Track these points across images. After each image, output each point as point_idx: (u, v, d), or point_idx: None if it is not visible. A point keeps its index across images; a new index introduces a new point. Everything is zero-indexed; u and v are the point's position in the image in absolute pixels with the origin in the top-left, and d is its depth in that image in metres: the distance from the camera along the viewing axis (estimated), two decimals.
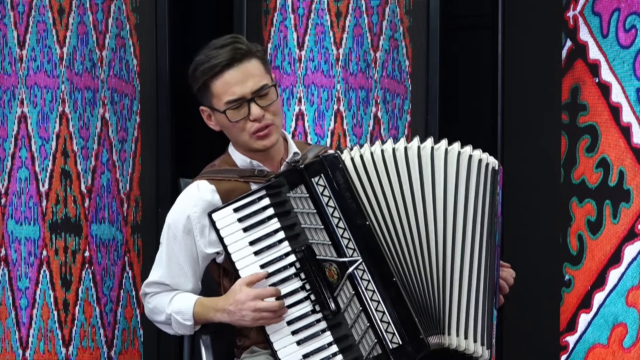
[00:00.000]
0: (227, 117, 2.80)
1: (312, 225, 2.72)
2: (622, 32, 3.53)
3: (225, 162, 2.90)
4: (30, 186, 3.66)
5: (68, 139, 3.68)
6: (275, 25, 3.81)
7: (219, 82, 2.80)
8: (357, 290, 2.69)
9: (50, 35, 3.66)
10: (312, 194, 2.72)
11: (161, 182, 3.76)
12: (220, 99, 2.81)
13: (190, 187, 2.88)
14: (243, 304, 2.71)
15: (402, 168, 2.72)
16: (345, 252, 2.70)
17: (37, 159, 3.66)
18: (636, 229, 3.51)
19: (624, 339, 3.53)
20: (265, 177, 2.83)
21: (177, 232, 2.84)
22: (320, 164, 2.73)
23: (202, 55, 2.84)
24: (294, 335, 2.71)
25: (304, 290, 2.72)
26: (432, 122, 3.72)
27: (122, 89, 3.74)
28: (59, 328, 3.67)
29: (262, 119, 2.80)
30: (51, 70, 3.66)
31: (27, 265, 3.66)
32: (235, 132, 2.83)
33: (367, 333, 2.68)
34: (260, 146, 2.83)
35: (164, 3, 3.73)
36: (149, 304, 2.90)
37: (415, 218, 2.71)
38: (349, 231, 2.70)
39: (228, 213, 2.76)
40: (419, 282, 2.71)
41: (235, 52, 2.79)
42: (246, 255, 2.75)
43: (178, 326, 2.85)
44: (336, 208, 2.71)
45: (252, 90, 2.79)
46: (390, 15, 3.75)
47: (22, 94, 3.66)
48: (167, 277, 2.86)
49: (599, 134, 3.59)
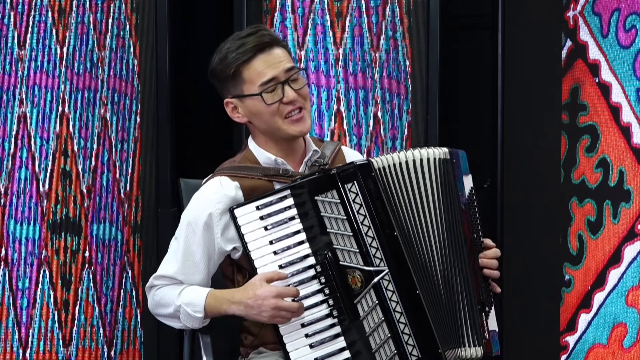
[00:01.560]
0: (263, 100, 2.78)
1: (339, 231, 2.70)
2: (622, 32, 3.53)
3: (247, 158, 2.87)
4: (30, 186, 3.66)
5: (68, 139, 3.68)
6: (275, 25, 3.81)
7: (252, 66, 2.79)
8: (381, 299, 2.68)
9: (50, 35, 3.66)
10: (343, 200, 2.70)
11: (161, 182, 3.76)
12: (253, 83, 2.79)
13: (212, 183, 2.84)
14: (263, 300, 2.69)
15: (425, 179, 2.73)
16: (372, 261, 2.68)
17: (37, 159, 3.66)
18: (636, 229, 3.51)
19: (624, 339, 3.54)
20: (291, 177, 2.82)
21: (197, 228, 2.81)
22: (354, 170, 2.71)
23: (228, 44, 2.82)
24: (307, 338, 2.70)
25: (322, 294, 2.70)
26: (432, 122, 3.72)
27: (122, 89, 3.74)
28: (59, 328, 3.67)
29: (296, 101, 2.80)
30: (51, 70, 3.66)
31: (27, 265, 3.66)
32: (268, 118, 2.81)
33: (386, 343, 2.68)
34: (296, 132, 2.81)
35: (164, 3, 3.73)
36: (155, 296, 2.86)
37: (421, 228, 2.72)
38: (377, 240, 2.69)
39: (250, 210, 2.74)
40: (435, 294, 2.71)
41: (264, 37, 2.80)
42: (265, 254, 2.73)
43: (187, 318, 2.81)
44: (366, 216, 2.69)
45: (285, 70, 2.79)
46: (390, 15, 3.75)
47: (22, 94, 3.66)
48: (180, 273, 2.83)
49: (599, 134, 3.60)
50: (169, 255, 2.86)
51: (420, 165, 2.74)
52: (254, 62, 2.79)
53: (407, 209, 2.73)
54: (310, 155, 2.86)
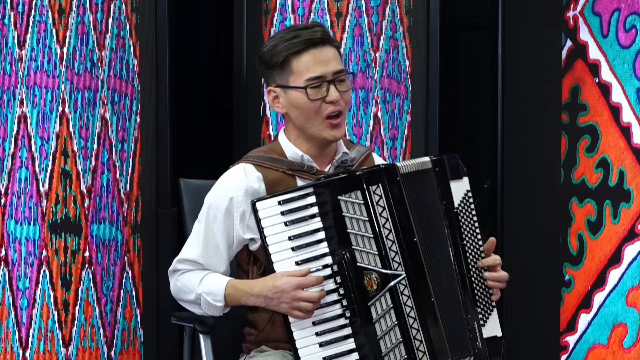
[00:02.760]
0: (307, 94, 2.78)
1: (359, 232, 2.70)
2: (622, 32, 3.53)
3: (274, 150, 2.87)
4: (30, 186, 3.66)
5: (68, 139, 3.68)
6: (275, 25, 3.81)
7: (302, 59, 2.79)
8: (396, 304, 2.67)
9: (50, 35, 3.66)
10: (366, 202, 2.69)
11: (161, 182, 3.76)
12: (300, 76, 2.79)
13: (236, 170, 2.85)
14: (283, 292, 2.68)
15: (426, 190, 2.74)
16: (391, 264, 2.68)
17: (37, 159, 3.66)
18: (636, 229, 3.51)
19: (624, 339, 3.54)
20: (315, 174, 2.82)
21: (218, 213, 2.81)
22: (380, 173, 2.70)
23: (282, 34, 2.83)
24: (317, 336, 2.69)
25: (337, 294, 2.70)
26: (432, 122, 3.72)
27: (122, 89, 3.74)
28: (59, 328, 3.67)
29: (337, 103, 2.80)
30: (51, 70, 3.66)
31: (27, 265, 3.66)
32: (308, 114, 2.81)
33: (397, 347, 2.67)
34: (330, 136, 2.81)
35: (164, 3, 3.73)
36: (177, 282, 2.86)
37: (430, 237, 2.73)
38: (397, 244, 2.68)
39: (272, 204, 2.73)
40: (446, 302, 2.71)
41: (318, 33, 2.80)
42: (283, 249, 2.72)
43: (207, 307, 2.81)
44: (388, 220, 2.69)
45: (334, 71, 2.79)
46: (390, 15, 3.75)
47: (22, 94, 3.66)
48: (202, 256, 2.83)
49: (599, 134, 3.60)
50: (191, 239, 2.87)
51: (422, 175, 2.74)
52: (304, 56, 2.79)
53: (427, 215, 2.73)
54: (339, 156, 2.86)
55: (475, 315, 2.76)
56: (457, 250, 2.75)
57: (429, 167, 2.76)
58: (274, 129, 3.84)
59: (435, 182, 2.75)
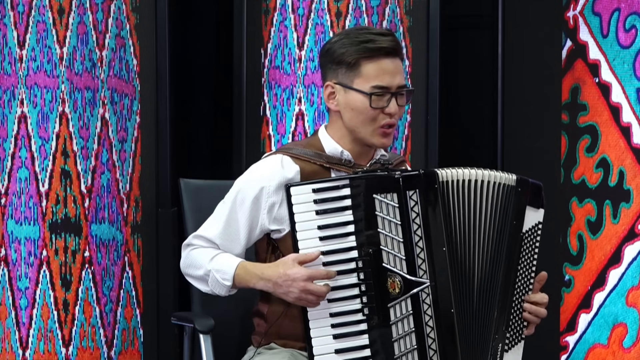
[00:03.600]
0: (371, 101, 2.77)
1: (389, 234, 2.68)
2: (622, 32, 3.53)
3: (312, 144, 2.85)
4: (30, 186, 3.66)
5: (68, 139, 3.68)
6: (275, 25, 3.81)
7: (374, 65, 2.77)
8: (416, 310, 2.66)
9: (50, 35, 3.66)
10: (402, 206, 2.68)
11: (161, 182, 3.76)
12: (367, 82, 2.77)
13: (272, 159, 2.82)
14: (293, 281, 2.67)
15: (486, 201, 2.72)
16: (416, 271, 2.67)
17: (37, 159, 3.66)
18: (636, 229, 3.51)
19: (624, 339, 3.54)
20: (352, 167, 2.81)
21: (246, 198, 2.79)
22: (419, 178, 2.69)
23: (356, 33, 2.81)
24: (333, 328, 2.69)
25: (358, 289, 2.68)
26: (432, 122, 3.72)
27: (122, 89, 3.74)
28: (59, 328, 3.67)
29: (395, 115, 2.80)
30: (51, 70, 3.66)
31: (27, 265, 3.66)
32: (364, 119, 2.79)
33: (411, 353, 2.66)
34: (380, 143, 2.80)
35: (164, 3, 3.73)
36: (189, 256, 2.84)
37: (467, 249, 2.72)
38: (425, 252, 2.67)
39: (306, 191, 2.70)
40: (471, 319, 2.71)
41: (396, 44, 2.79)
42: (311, 237, 2.70)
43: (215, 284, 2.79)
44: (420, 226, 2.67)
45: (399, 85, 2.78)
46: (390, 15, 3.75)
47: (22, 94, 3.66)
48: (219, 237, 2.81)
49: (599, 134, 3.60)
50: (213, 218, 2.85)
51: (484, 186, 2.73)
52: (376, 63, 2.76)
53: (462, 227, 2.71)
54: (378, 157, 2.86)
55: (503, 339, 2.74)
56: (510, 271, 2.73)
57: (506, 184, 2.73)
58: (274, 129, 3.84)
59: (513, 201, 2.74)
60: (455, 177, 2.72)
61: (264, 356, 2.80)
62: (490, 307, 2.72)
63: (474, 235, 2.72)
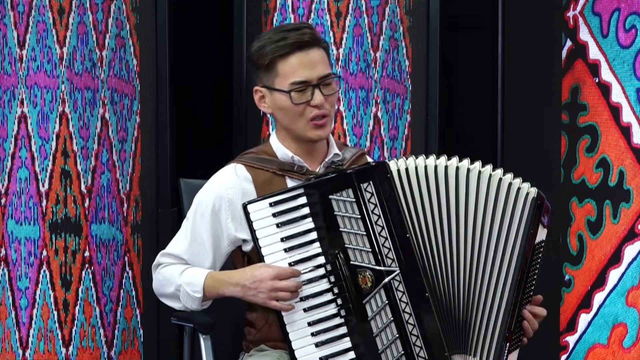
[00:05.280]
0: (291, 99, 2.79)
1: (352, 230, 2.70)
2: (622, 32, 3.53)
3: (265, 151, 2.87)
4: (30, 186, 3.66)
5: (68, 139, 3.68)
6: (275, 25, 3.81)
7: (287, 62, 2.78)
8: (391, 300, 2.67)
9: (50, 35, 3.66)
10: (358, 200, 2.69)
11: (161, 182, 3.76)
12: (285, 79, 2.79)
13: (227, 169, 2.85)
14: (261, 281, 2.69)
15: (442, 185, 2.71)
16: (384, 261, 2.68)
17: (37, 159, 3.66)
18: (636, 229, 3.51)
19: (624, 339, 3.54)
20: (305, 174, 2.82)
21: (206, 210, 2.81)
22: (371, 170, 2.70)
23: (270, 34, 2.82)
24: (313, 336, 2.70)
25: (332, 293, 2.70)
26: (432, 122, 3.72)
27: (122, 89, 3.74)
28: (59, 328, 3.67)
29: (322, 106, 2.80)
30: (51, 70, 3.66)
31: (27, 265, 3.66)
32: (292, 116, 2.81)
33: (393, 344, 2.67)
34: (315, 136, 2.81)
35: (164, 3, 3.73)
36: (159, 275, 2.86)
37: (449, 237, 2.71)
38: (390, 241, 2.68)
39: (264, 206, 2.73)
40: (448, 300, 2.70)
41: (305, 35, 2.79)
42: (276, 251, 2.72)
43: (186, 298, 2.81)
44: (380, 216, 2.68)
45: (319, 76, 2.79)
46: (390, 15, 3.75)
47: (22, 94, 3.66)
48: (186, 252, 2.83)
49: (599, 134, 3.60)
50: (179, 235, 2.87)
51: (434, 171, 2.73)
52: (290, 59, 2.78)
53: (423, 212, 2.71)
54: (330, 157, 2.87)
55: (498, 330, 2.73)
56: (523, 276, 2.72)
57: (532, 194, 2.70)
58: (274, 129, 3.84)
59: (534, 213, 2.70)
60: (406, 165, 2.72)
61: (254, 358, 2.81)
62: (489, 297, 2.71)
63: (451, 220, 2.70)
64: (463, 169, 2.72)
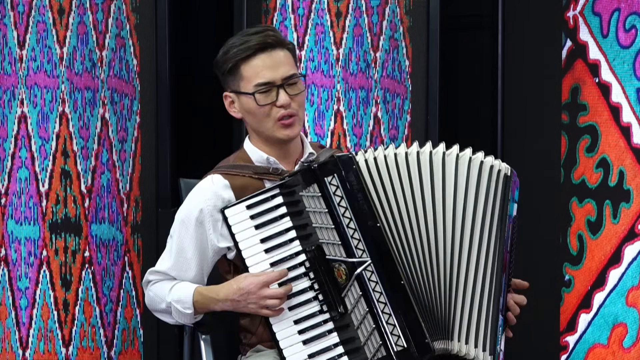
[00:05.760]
0: (256, 100, 2.79)
1: (323, 225, 2.72)
2: (622, 32, 3.53)
3: (240, 158, 2.90)
4: (30, 186, 3.66)
5: (68, 139, 3.68)
6: (275, 25, 3.81)
7: (250, 64, 2.81)
8: (365, 291, 2.68)
9: (50, 35, 3.66)
10: (324, 194, 2.71)
11: (161, 182, 3.76)
12: (249, 82, 2.81)
13: (204, 181, 2.88)
14: (249, 293, 2.71)
15: (414, 172, 2.72)
16: (354, 252, 2.69)
17: (37, 159, 3.66)
18: (636, 229, 3.51)
19: (624, 339, 3.53)
20: (280, 175, 2.83)
21: (189, 225, 2.84)
22: (334, 163, 2.72)
23: (234, 39, 2.85)
24: (300, 334, 2.71)
25: (312, 290, 2.72)
26: (432, 122, 3.72)
27: (122, 89, 3.74)
28: (59, 328, 3.67)
29: (288, 106, 2.81)
30: (51, 70, 3.66)
31: (27, 265, 3.66)
32: (260, 118, 2.83)
33: (372, 334, 2.68)
34: (283, 135, 2.83)
35: (164, 3, 3.73)
36: (150, 292, 2.90)
37: (425, 222, 2.71)
38: (359, 232, 2.69)
39: (241, 210, 2.76)
40: (427, 287, 2.70)
41: (268, 38, 2.82)
42: (257, 253, 2.75)
43: (178, 315, 2.84)
44: (347, 208, 2.70)
45: (283, 77, 2.81)
46: (390, 15, 3.75)
47: (22, 94, 3.66)
48: (173, 269, 2.86)
49: (599, 134, 3.59)
50: (164, 253, 2.91)
51: (405, 159, 2.73)
52: (253, 61, 2.81)
53: (401, 201, 2.71)
54: (305, 157, 2.88)
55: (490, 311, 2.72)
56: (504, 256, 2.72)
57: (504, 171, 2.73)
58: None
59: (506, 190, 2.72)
60: (374, 155, 2.72)
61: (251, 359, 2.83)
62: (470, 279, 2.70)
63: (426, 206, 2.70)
64: (432, 154, 2.72)
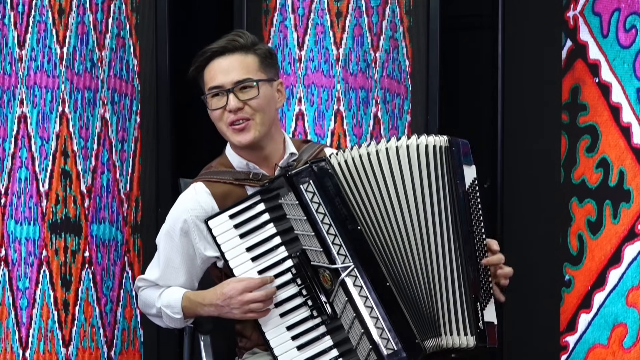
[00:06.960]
0: (207, 104, 2.82)
1: (304, 232, 2.71)
2: (622, 32, 3.53)
3: (222, 163, 2.91)
4: (30, 186, 3.66)
5: (68, 139, 3.68)
6: (275, 25, 3.81)
7: (208, 69, 2.85)
8: (350, 296, 2.68)
9: (50, 35, 3.66)
10: (301, 201, 2.71)
11: (161, 182, 3.76)
12: (206, 86, 2.85)
13: (187, 191, 2.89)
14: (231, 298, 2.72)
15: (386, 169, 2.72)
16: (336, 258, 2.69)
17: (37, 159, 3.66)
18: (636, 229, 3.51)
19: (624, 339, 3.54)
20: (260, 180, 2.82)
21: (174, 234, 2.85)
22: (309, 170, 2.71)
23: (206, 47, 2.88)
24: (294, 340, 2.70)
25: (302, 296, 2.71)
26: (432, 122, 3.72)
27: (122, 89, 3.74)
28: (59, 328, 3.67)
29: (238, 111, 2.80)
30: (51, 70, 3.66)
31: (27, 265, 3.66)
32: (216, 123, 2.86)
33: (362, 339, 2.67)
34: (236, 141, 2.84)
35: (164, 3, 3.73)
36: (141, 297, 2.93)
37: (396, 219, 2.71)
38: (339, 237, 2.68)
39: (224, 220, 2.76)
40: (410, 284, 2.70)
41: (230, 42, 2.83)
42: (244, 262, 2.75)
43: (168, 320, 2.87)
44: (326, 214, 2.69)
45: (233, 81, 2.81)
46: (390, 15, 3.75)
47: (22, 94, 3.66)
48: (161, 279, 2.90)
49: (599, 134, 3.60)
50: (153, 261, 2.93)
51: (386, 156, 2.73)
52: (210, 66, 2.84)
53: (373, 201, 2.71)
54: (285, 158, 2.87)
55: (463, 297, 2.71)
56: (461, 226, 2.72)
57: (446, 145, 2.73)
58: None
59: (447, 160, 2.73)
60: (350, 155, 2.72)
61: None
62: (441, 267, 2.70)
63: (402, 203, 2.70)
64: (398, 149, 2.72)
